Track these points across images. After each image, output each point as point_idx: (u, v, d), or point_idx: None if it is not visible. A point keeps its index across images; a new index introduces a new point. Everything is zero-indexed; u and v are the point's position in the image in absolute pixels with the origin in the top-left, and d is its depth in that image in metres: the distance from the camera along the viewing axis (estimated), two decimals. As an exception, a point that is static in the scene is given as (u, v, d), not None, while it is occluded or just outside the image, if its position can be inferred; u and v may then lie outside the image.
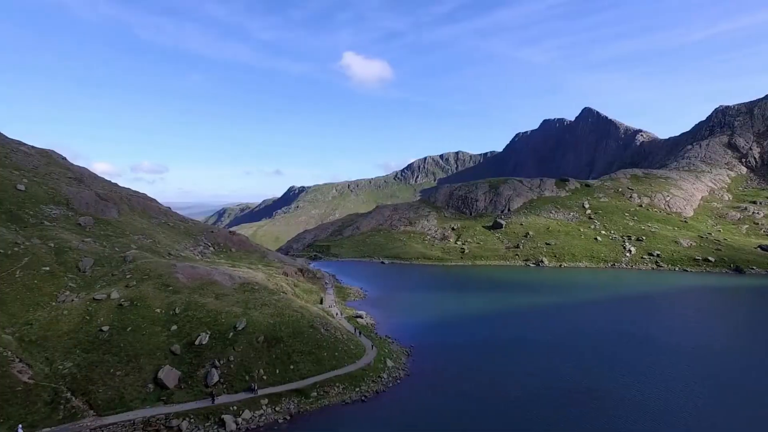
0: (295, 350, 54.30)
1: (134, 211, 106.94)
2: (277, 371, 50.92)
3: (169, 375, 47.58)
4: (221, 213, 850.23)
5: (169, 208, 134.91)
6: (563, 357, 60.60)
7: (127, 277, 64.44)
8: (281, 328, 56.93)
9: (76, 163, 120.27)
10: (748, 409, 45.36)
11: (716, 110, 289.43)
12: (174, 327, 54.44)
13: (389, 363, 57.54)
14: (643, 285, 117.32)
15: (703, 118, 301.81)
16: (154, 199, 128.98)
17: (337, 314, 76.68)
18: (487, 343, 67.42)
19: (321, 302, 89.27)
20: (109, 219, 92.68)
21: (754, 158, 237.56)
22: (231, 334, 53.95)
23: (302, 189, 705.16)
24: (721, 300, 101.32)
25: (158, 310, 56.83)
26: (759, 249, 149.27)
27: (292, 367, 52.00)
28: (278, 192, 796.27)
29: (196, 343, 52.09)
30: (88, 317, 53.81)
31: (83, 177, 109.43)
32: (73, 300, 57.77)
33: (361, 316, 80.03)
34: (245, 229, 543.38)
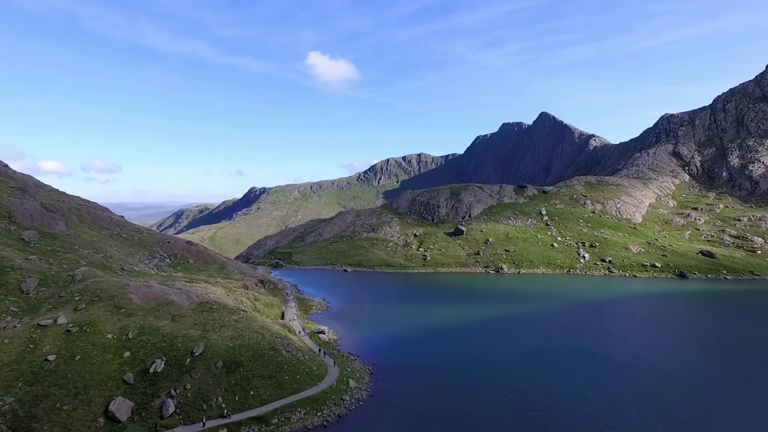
0: (255, 375, 53.33)
1: (84, 223, 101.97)
2: (237, 398, 49.83)
3: (121, 407, 45.65)
4: (179, 214, 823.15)
5: (123, 216, 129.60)
6: (520, 372, 62.36)
7: (76, 299, 61.28)
8: (241, 352, 55.81)
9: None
10: (687, 417, 48.20)
11: (662, 118, 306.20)
12: (127, 353, 52.29)
13: (351, 384, 57.45)
14: (595, 293, 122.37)
15: (651, 125, 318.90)
16: (106, 208, 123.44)
17: (299, 332, 75.82)
18: (449, 359, 68.42)
19: (282, 316, 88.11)
20: (56, 232, 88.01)
21: (696, 166, 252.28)
22: (188, 360, 52.38)
23: (263, 190, 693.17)
24: (666, 307, 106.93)
25: (110, 336, 54.42)
26: (700, 254, 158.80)
27: (252, 392, 51.03)
28: (239, 193, 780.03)
29: (151, 370, 50.25)
30: (32, 345, 50.83)
31: (27, 186, 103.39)
32: (15, 326, 54.38)
33: (323, 332, 79.49)
34: (204, 231, 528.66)
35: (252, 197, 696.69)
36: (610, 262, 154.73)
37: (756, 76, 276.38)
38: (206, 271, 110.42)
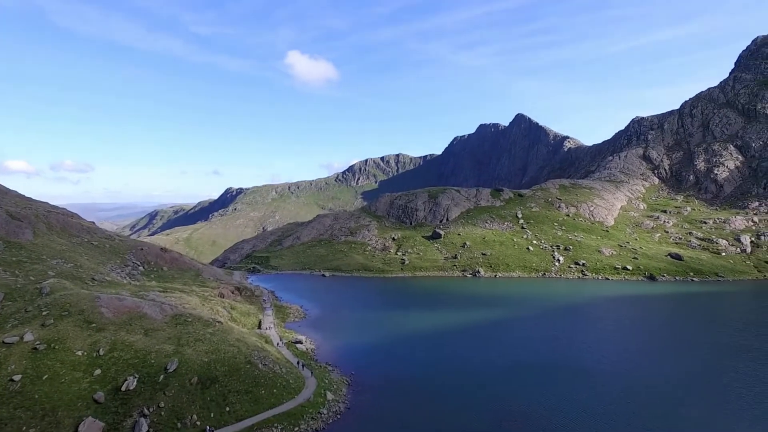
0: (231, 390, 52.72)
1: (53, 231, 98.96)
2: (212, 415, 49.17)
3: (92, 428, 44.49)
4: (153, 215, 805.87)
5: (94, 222, 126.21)
6: (498, 381, 63.37)
7: (44, 313, 59.38)
8: (216, 367, 55.10)
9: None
10: (656, 424, 49.86)
11: (633, 121, 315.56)
12: (97, 371, 50.97)
13: (329, 396, 57.34)
14: (569, 297, 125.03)
15: (622, 127, 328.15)
16: (76, 214, 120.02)
17: (277, 343, 75.23)
18: (426, 367, 69.02)
19: (259, 325, 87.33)
20: (23, 242, 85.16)
21: (665, 170, 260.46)
22: (162, 376, 51.41)
23: (240, 191, 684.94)
24: (636, 311, 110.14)
25: (79, 353, 52.95)
26: (669, 257, 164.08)
27: (228, 408, 50.44)
28: (215, 193, 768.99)
29: (123, 388, 49.10)
30: (-4, 365, 49.12)
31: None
32: (-22, 345, 52.47)
33: (300, 341, 79.13)
34: (180, 233, 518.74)
35: (229, 198, 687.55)
36: (583, 265, 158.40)
37: (720, 83, 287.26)
38: (181, 278, 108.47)
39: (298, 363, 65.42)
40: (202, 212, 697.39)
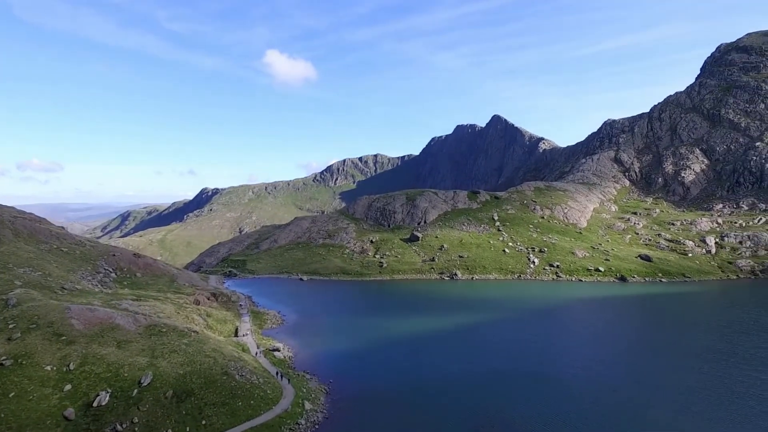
0: (207, 403, 52.16)
1: (19, 237, 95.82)
2: (188, 429, 48.54)
3: (63, 446, 43.55)
4: (125, 216, 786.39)
5: (64, 228, 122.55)
6: (473, 387, 64.35)
7: (10, 327, 57.54)
8: (192, 379, 54.44)
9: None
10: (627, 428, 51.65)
11: (605, 123, 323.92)
12: (68, 387, 49.78)
13: (307, 406, 57.30)
14: (544, 299, 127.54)
15: (595, 129, 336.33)
16: (44, 219, 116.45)
17: (254, 352, 74.59)
18: (405, 373, 69.57)
19: (236, 333, 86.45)
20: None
21: (635, 172, 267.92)
22: (135, 390, 50.55)
23: (216, 191, 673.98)
24: (608, 313, 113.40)
25: (49, 368, 51.60)
26: (639, 258, 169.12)
27: (204, 422, 49.88)
28: (191, 193, 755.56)
29: (95, 404, 48.11)
30: (-40, 383, 47.48)
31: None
32: (-60, 361, 50.58)
33: (278, 349, 78.65)
34: (153, 234, 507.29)
35: (204, 198, 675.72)
36: (558, 266, 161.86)
37: (687, 88, 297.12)
38: (155, 285, 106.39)
39: (277, 374, 64.94)
40: (177, 213, 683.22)
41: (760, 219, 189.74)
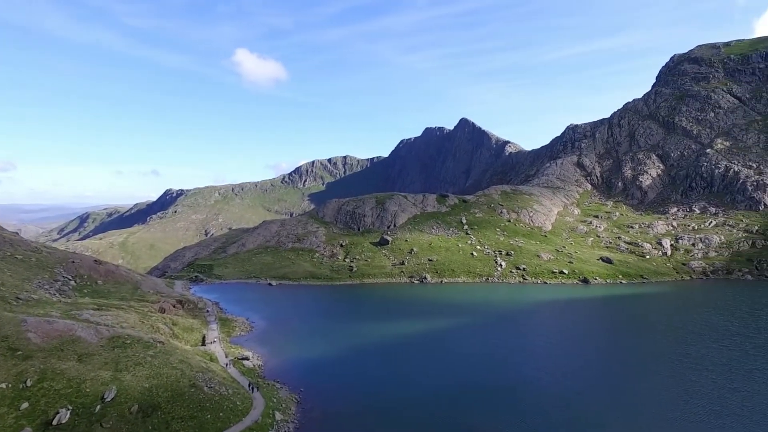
0: (174, 417, 50.95)
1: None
2: (154, 445, 47.46)
3: (20, 468, 41.72)
4: (84, 218, 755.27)
5: (17, 233, 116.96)
6: (445, 395, 65.27)
7: (-39, 342, 54.69)
8: (158, 393, 53.09)
9: None
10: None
11: (568, 128, 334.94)
12: (25, 405, 47.61)
13: (278, 416, 56.82)
14: (512, 302, 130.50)
15: (559, 134, 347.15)
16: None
17: (223, 361, 73.31)
18: (376, 381, 69.89)
19: (203, 341, 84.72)
20: (-67, 259, 77.60)
21: (597, 176, 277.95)
22: (98, 406, 48.86)
23: (181, 192, 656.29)
24: (572, 314, 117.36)
25: (3, 385, 49.21)
26: (600, 260, 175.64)
27: (171, 437, 48.84)
28: (154, 194, 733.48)
29: (54, 422, 46.19)
30: None
31: None
32: None
33: (247, 358, 77.55)
34: (114, 237, 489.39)
35: (168, 199, 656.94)
36: (524, 269, 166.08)
37: (644, 95, 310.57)
38: (117, 293, 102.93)
39: (249, 385, 63.73)
40: (140, 215, 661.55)
41: (711, 222, 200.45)
